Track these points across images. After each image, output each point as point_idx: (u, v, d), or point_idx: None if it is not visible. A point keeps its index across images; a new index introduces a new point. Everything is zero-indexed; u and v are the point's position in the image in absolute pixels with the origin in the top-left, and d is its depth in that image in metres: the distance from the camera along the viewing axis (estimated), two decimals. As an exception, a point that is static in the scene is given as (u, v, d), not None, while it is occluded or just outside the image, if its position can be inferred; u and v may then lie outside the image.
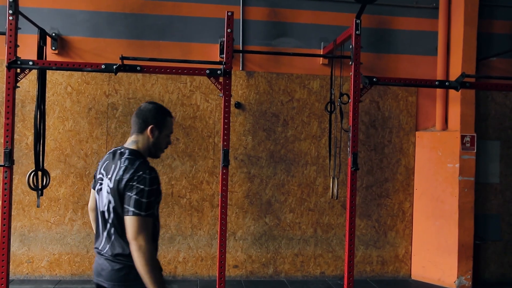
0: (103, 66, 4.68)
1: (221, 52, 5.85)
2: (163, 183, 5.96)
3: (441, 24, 6.24)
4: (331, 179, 5.80)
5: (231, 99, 6.01)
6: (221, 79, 4.82)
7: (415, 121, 6.39)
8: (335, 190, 5.67)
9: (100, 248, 2.66)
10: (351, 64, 4.87)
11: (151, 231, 2.51)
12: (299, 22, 6.19)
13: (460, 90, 5.92)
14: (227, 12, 4.82)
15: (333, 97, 5.83)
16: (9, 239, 4.53)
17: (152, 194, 2.51)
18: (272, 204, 6.16)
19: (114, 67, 4.66)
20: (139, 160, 2.62)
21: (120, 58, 4.74)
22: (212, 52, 6.04)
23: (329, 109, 5.88)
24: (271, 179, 6.14)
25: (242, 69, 6.11)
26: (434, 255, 6.20)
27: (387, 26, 6.36)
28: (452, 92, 6.12)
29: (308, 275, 6.22)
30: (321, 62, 6.18)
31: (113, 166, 2.64)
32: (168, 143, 2.80)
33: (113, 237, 2.60)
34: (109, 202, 2.59)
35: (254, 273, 6.13)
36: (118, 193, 2.55)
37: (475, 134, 6.05)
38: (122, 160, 2.63)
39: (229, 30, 4.76)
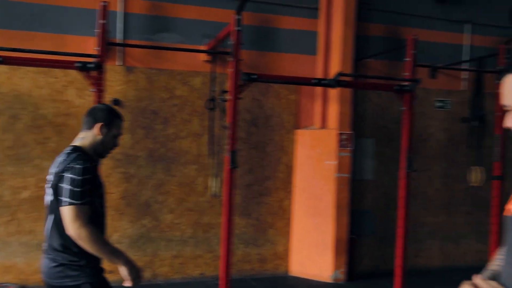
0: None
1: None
2: (31, 185, 5.46)
3: (322, 24, 6.34)
4: (211, 178, 5.66)
5: (109, 96, 5.67)
6: (94, 74, 4.47)
7: (296, 119, 6.45)
8: (214, 189, 5.55)
9: (44, 245, 2.71)
10: (231, 60, 4.76)
11: (88, 216, 2.51)
12: (182, 18, 5.96)
13: (338, 90, 6.10)
14: (102, 2, 4.47)
15: (214, 94, 5.69)
16: None
17: (86, 183, 2.52)
18: (151, 205, 5.89)
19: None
20: (76, 153, 2.65)
21: (-22, 48, 4.23)
22: (89, 46, 5.58)
23: (210, 106, 5.73)
24: (150, 179, 5.87)
25: (121, 64, 5.75)
26: (311, 251, 6.32)
27: (270, 25, 6.34)
28: (331, 91, 6.25)
29: (187, 277, 6.05)
30: (203, 59, 6.00)
31: (55, 162, 2.70)
32: (115, 144, 2.82)
33: (51, 233, 2.63)
34: (50, 196, 2.63)
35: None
36: (56, 186, 2.58)
37: (352, 132, 6.24)
38: (62, 155, 2.69)
39: (102, 22, 4.42)
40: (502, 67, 5.86)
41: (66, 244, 2.56)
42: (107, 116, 2.74)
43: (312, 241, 6.32)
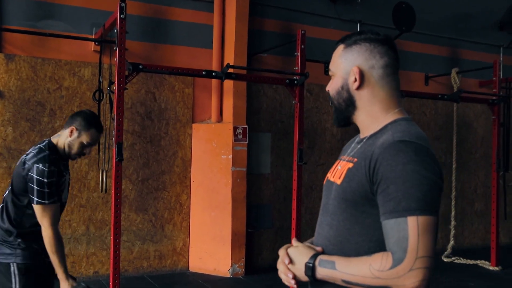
0: None
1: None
2: None
3: (216, 18, 6.36)
4: (101, 173, 5.50)
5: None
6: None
7: (191, 113, 6.41)
8: (104, 184, 5.39)
9: None
10: (116, 49, 4.65)
11: (54, 215, 2.82)
12: (69, 5, 5.73)
13: (233, 84, 6.15)
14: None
15: (101, 85, 5.53)
16: None
17: (51, 185, 2.77)
18: (38, 201, 5.62)
19: None
20: (46, 153, 2.83)
21: None
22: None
23: (97, 97, 5.57)
24: (36, 174, 5.60)
25: (0, 51, 5.46)
26: (210, 246, 6.30)
27: (165, 16, 6.26)
28: (226, 85, 6.27)
29: (80, 276, 5.82)
30: (93, 49, 5.82)
31: (31, 149, 2.91)
32: (82, 153, 2.95)
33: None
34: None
35: (17, 278, 5.53)
36: (18, 173, 2.84)
37: (247, 126, 6.29)
38: (36, 146, 2.90)
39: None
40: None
41: (6, 226, 2.88)
42: (83, 123, 2.90)
43: (210, 235, 6.30)
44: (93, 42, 5.76)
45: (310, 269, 1.56)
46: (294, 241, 1.70)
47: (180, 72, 5.22)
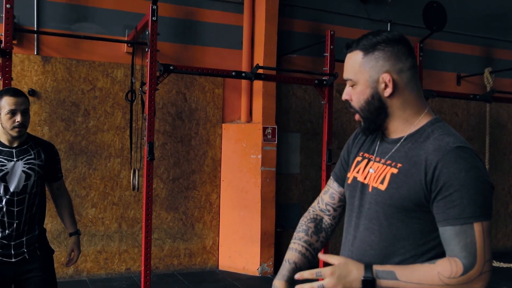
0: None
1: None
2: None
3: (246, 19, 6.41)
4: (132, 172, 5.62)
5: (25, 85, 5.55)
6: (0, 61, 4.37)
7: (221, 113, 6.48)
8: (135, 182, 5.50)
9: None
10: (147, 50, 4.75)
11: None
12: (102, 7, 5.88)
13: (262, 84, 6.20)
14: (10, -12, 4.38)
15: (134, 86, 5.65)
16: None
17: None
18: (73, 199, 5.74)
19: None
20: None
21: None
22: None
23: (129, 98, 5.69)
24: (70, 173, 5.76)
25: (38, 53, 5.64)
26: (239, 245, 6.36)
27: (195, 18, 6.36)
28: (256, 85, 6.33)
29: (112, 272, 5.96)
30: (125, 51, 5.95)
31: None
32: (14, 123, 2.81)
33: None
34: None
35: (52, 274, 5.69)
36: None
37: (276, 126, 6.33)
38: None
39: (8, 6, 4.33)
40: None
41: None
42: None
43: (239, 234, 6.36)
44: (125, 44, 5.89)
45: (370, 284, 1.50)
46: (325, 257, 1.61)
47: (210, 73, 5.30)
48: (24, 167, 2.90)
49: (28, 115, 2.91)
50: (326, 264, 1.59)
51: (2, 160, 2.85)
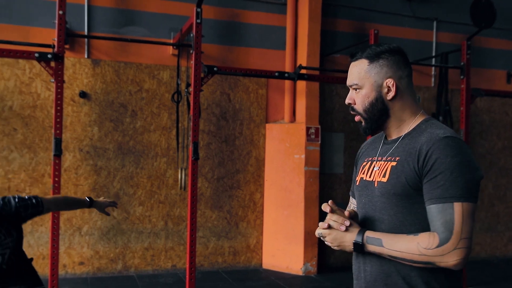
0: None
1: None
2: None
3: (289, 20, 6.45)
4: (179, 171, 5.75)
5: (77, 88, 5.77)
6: (53, 64, 4.56)
7: (265, 113, 6.54)
8: (182, 181, 5.62)
9: None
10: (192, 52, 4.86)
11: None
12: (148, 11, 6.06)
13: (305, 84, 6.22)
14: (62, -6, 4.57)
15: (179, 87, 5.78)
16: None
17: None
18: (121, 197, 5.97)
19: None
20: None
21: None
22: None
23: (175, 99, 5.82)
24: (119, 171, 5.95)
25: (88, 57, 5.85)
26: (282, 244, 6.40)
27: (238, 20, 6.44)
28: (299, 85, 6.35)
29: (159, 268, 6.12)
30: (171, 53, 6.10)
31: None
32: None
33: None
34: None
35: (102, 270, 5.90)
36: None
37: (319, 126, 6.33)
38: None
39: (61, 12, 4.52)
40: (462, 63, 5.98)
41: None
42: None
43: (282, 233, 6.39)
44: (171, 46, 6.04)
45: (359, 246, 1.73)
46: (331, 204, 1.84)
47: (254, 73, 5.36)
48: None
49: None
50: None
51: None
